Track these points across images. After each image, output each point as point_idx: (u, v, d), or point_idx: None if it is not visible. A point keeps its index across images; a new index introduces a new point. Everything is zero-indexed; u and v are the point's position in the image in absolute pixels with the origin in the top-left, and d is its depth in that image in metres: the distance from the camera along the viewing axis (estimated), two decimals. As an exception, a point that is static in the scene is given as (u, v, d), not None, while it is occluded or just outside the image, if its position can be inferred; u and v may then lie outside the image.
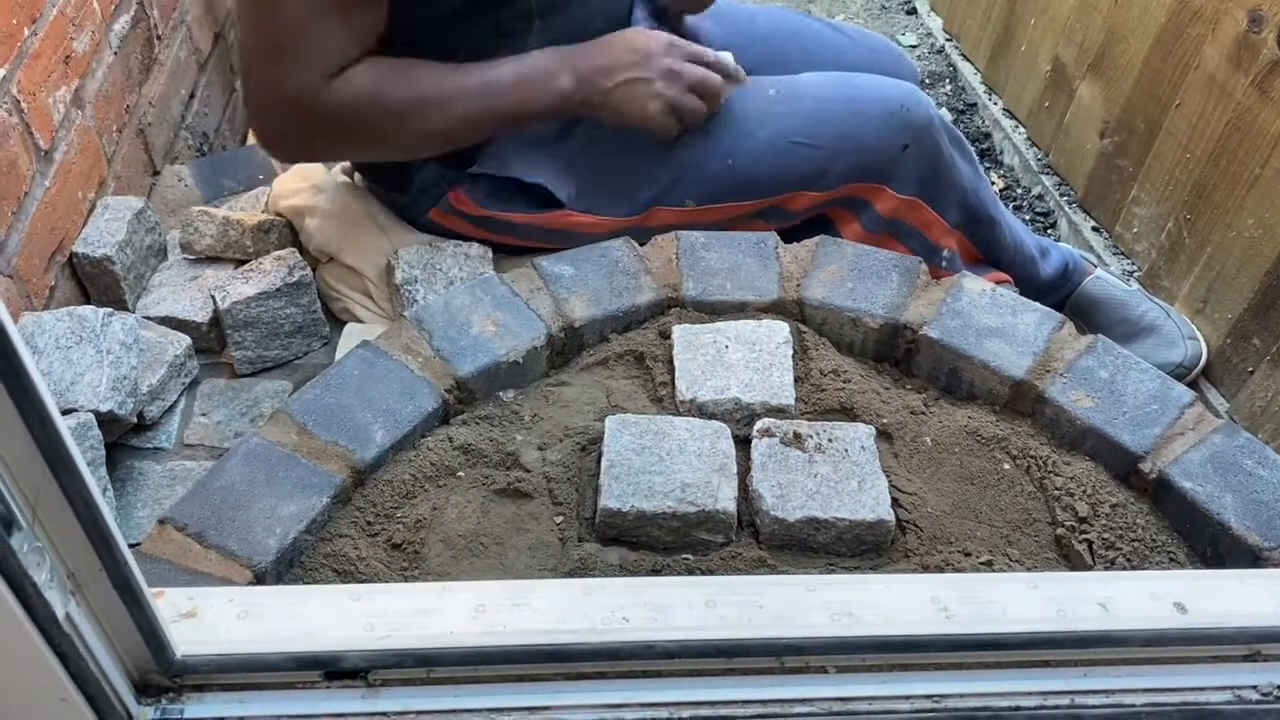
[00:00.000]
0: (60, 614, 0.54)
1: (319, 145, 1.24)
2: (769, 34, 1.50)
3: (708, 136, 1.27)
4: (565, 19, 1.24)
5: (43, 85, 1.31)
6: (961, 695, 0.68)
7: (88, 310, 1.22)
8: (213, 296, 1.35)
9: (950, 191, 1.32)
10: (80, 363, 1.17)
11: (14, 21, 1.24)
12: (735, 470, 0.93)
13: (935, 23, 2.62)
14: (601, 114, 1.21)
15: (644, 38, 1.19)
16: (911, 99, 1.25)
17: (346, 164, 1.50)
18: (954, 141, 1.32)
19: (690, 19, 1.47)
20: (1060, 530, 0.94)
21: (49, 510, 0.52)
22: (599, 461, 0.95)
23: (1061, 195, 2.02)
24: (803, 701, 0.67)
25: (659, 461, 0.93)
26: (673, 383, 1.03)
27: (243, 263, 1.42)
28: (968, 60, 2.44)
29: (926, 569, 0.89)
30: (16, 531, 0.50)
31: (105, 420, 1.17)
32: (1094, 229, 1.93)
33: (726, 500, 0.91)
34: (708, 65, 1.22)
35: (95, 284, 1.39)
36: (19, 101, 1.25)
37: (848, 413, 1.03)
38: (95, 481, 0.53)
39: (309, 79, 1.12)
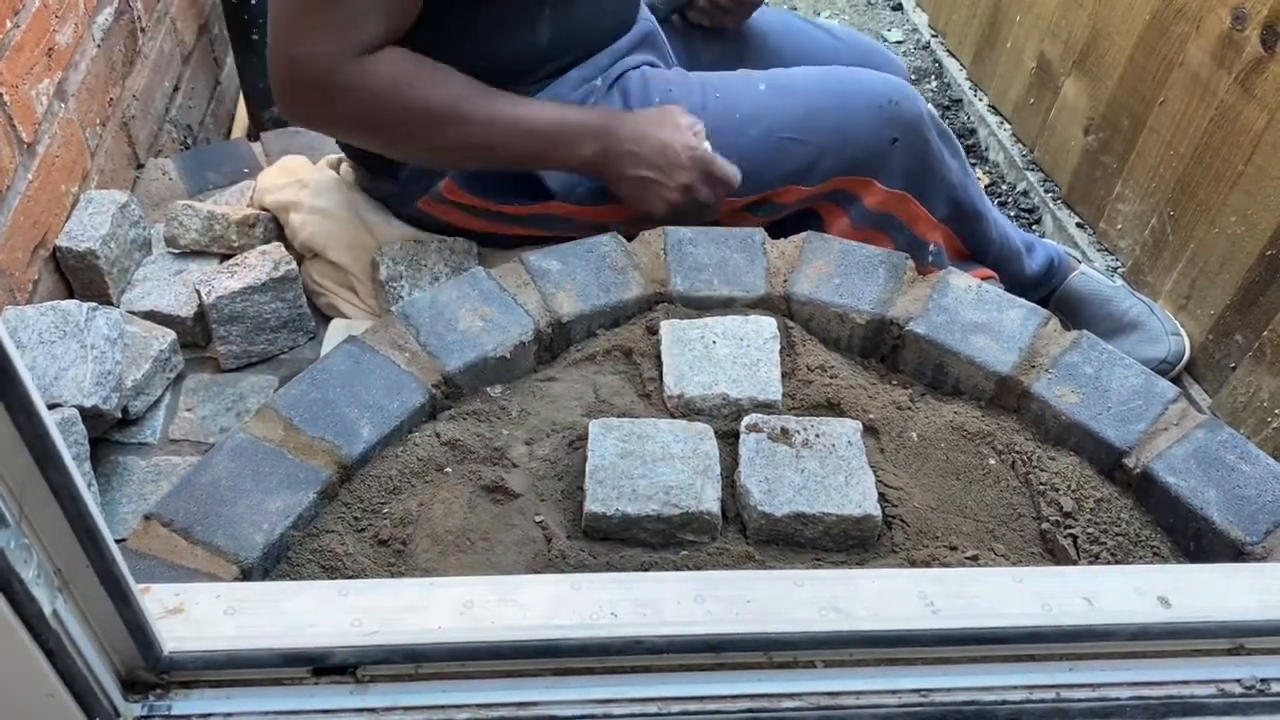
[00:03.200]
0: (47, 610, 0.53)
1: (332, 119, 1.22)
2: (762, 32, 1.51)
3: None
4: (576, 7, 1.26)
5: (25, 78, 1.30)
6: (948, 690, 0.68)
7: (71, 305, 1.21)
8: (198, 291, 1.34)
9: (938, 185, 1.32)
10: (64, 357, 1.17)
11: (-4, 13, 1.23)
12: (719, 472, 0.94)
13: (921, 19, 2.63)
14: (610, 184, 1.25)
15: (678, 142, 1.21)
16: (901, 93, 1.26)
17: (332, 157, 1.49)
18: (942, 136, 1.33)
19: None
20: (1045, 525, 0.94)
21: (35, 506, 0.52)
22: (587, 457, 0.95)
23: (1046, 191, 2.03)
24: (791, 696, 0.68)
25: (643, 465, 0.93)
26: (660, 378, 1.03)
27: (228, 257, 1.41)
28: (953, 56, 2.45)
29: (913, 564, 0.90)
30: (3, 528, 0.49)
31: (89, 415, 1.16)
32: (1078, 225, 1.94)
33: (710, 501, 0.91)
34: (718, 180, 1.24)
35: (79, 278, 1.38)
36: (1, 94, 1.24)
37: (834, 408, 1.03)
38: (80, 477, 0.53)
39: (336, 49, 1.11)
